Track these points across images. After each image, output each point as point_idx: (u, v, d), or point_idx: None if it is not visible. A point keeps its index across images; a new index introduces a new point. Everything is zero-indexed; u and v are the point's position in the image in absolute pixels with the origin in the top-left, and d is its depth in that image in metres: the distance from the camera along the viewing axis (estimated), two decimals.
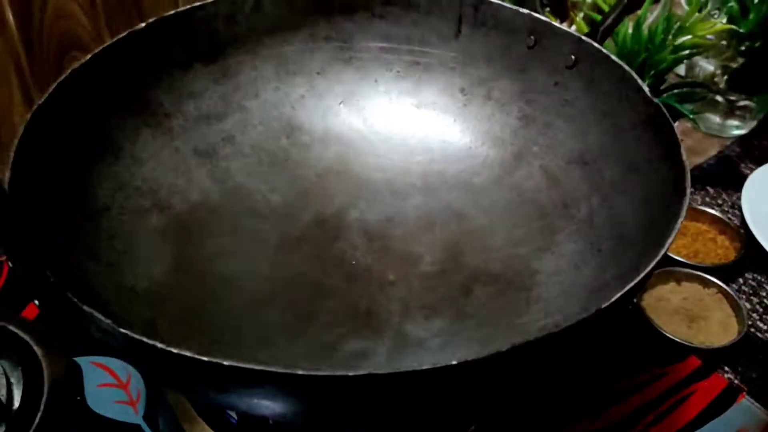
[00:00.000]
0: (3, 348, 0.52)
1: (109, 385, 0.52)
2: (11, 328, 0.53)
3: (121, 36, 0.48)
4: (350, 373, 0.29)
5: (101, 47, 0.47)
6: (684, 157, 0.41)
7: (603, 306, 0.32)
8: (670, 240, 0.36)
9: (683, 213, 0.37)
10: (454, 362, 0.29)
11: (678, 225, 0.37)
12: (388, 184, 0.56)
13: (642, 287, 0.36)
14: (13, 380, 0.50)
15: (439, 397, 0.32)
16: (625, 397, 0.53)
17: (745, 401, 0.53)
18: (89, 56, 0.46)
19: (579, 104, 0.51)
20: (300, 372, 0.29)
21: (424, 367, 0.29)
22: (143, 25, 0.49)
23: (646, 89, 0.45)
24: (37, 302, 0.34)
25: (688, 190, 0.38)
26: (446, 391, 0.32)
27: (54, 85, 0.44)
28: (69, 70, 0.45)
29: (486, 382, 0.33)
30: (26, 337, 0.53)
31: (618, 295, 0.33)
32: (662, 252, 0.35)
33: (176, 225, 0.51)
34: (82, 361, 0.53)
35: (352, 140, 0.58)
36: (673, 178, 0.41)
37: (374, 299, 0.49)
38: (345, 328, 0.47)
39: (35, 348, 0.52)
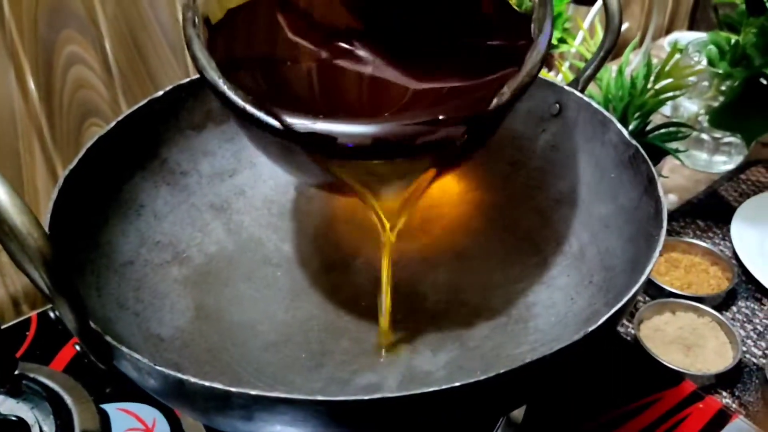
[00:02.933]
0: (35, 398, 0.54)
1: (136, 430, 0.55)
2: (42, 378, 0.56)
3: (141, 103, 0.52)
4: (365, 397, 0.32)
5: (124, 114, 0.51)
6: (660, 191, 0.44)
7: (590, 330, 0.35)
8: (650, 267, 0.39)
9: (661, 242, 0.40)
10: (458, 384, 0.32)
11: (657, 252, 0.40)
12: None
13: (626, 311, 0.39)
14: (45, 429, 0.53)
15: (445, 417, 0.35)
16: (623, 422, 0.56)
17: (738, 420, 0.55)
18: (114, 123, 0.50)
19: (565, 148, 0.54)
20: (320, 398, 0.32)
21: (431, 389, 0.32)
22: (161, 92, 0.53)
23: (625, 132, 0.49)
24: (78, 348, 0.37)
25: (665, 222, 0.41)
26: (451, 411, 0.35)
27: (83, 150, 0.47)
28: (96, 136, 0.49)
29: (488, 403, 0.36)
30: (56, 387, 0.55)
31: (603, 319, 0.36)
32: (643, 278, 0.38)
33: (195, 275, 0.54)
34: (109, 407, 0.56)
35: None
36: (652, 211, 0.44)
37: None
38: (357, 365, 0.50)
39: (65, 397, 0.55)
